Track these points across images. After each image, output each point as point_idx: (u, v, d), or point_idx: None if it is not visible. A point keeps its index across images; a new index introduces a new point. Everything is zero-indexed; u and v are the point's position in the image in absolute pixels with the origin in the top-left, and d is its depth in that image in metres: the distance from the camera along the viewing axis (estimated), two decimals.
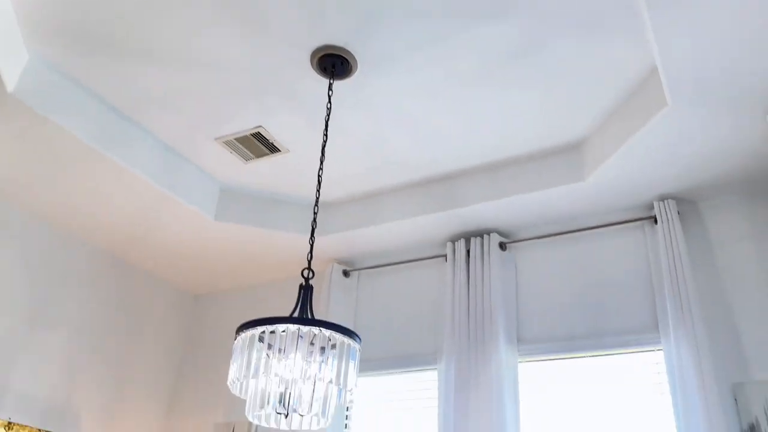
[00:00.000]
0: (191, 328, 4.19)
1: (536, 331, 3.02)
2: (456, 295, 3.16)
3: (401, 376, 3.33)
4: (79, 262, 3.57)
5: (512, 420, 2.78)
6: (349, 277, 3.65)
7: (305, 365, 1.99)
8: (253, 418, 2.04)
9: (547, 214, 3.14)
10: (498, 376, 2.84)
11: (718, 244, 2.80)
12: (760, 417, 2.40)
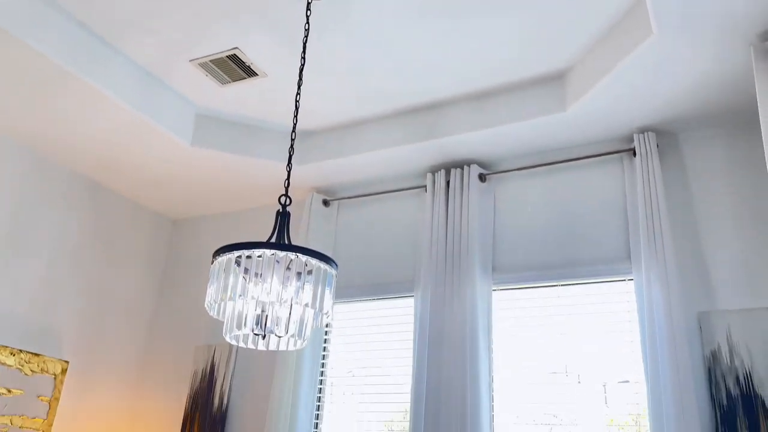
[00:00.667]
0: (170, 253, 4.20)
1: (511, 261, 3.07)
2: (434, 225, 3.18)
3: (379, 303, 3.40)
4: (56, 186, 3.52)
5: (485, 346, 2.87)
6: (329, 207, 3.65)
7: (282, 289, 2.01)
8: (230, 339, 2.08)
9: (528, 145, 3.14)
10: (472, 304, 2.91)
11: (695, 178, 2.83)
12: (722, 344, 2.50)
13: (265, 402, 3.42)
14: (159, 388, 3.81)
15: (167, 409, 3.72)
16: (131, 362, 3.85)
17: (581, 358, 2.81)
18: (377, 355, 3.29)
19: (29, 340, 3.28)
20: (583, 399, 2.74)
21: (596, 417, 2.69)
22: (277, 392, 3.20)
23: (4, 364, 3.12)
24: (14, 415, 3.13)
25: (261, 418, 3.41)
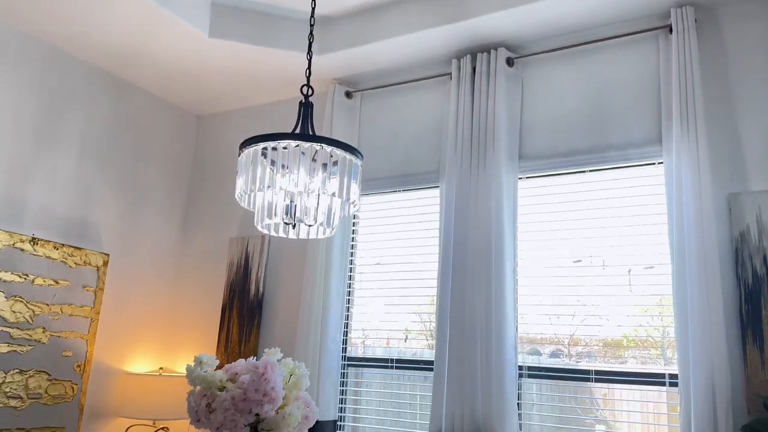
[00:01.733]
0: (196, 148, 4.24)
1: (539, 148, 3.03)
2: (460, 113, 3.13)
3: (404, 195, 3.43)
4: (81, 83, 3.52)
5: (510, 234, 2.90)
6: (352, 98, 3.59)
7: (308, 180, 2.03)
8: (262, 228, 2.14)
9: (558, 24, 2.99)
10: (498, 192, 2.91)
11: (732, 55, 2.69)
12: (752, 225, 2.49)
13: (299, 289, 3.57)
14: (196, 279, 3.99)
15: (206, 298, 3.92)
16: (168, 254, 4.01)
17: (606, 245, 2.83)
18: (405, 244, 3.36)
19: (70, 234, 3.43)
20: (607, 286, 2.79)
21: (620, 303, 2.75)
22: (309, 279, 3.33)
23: (50, 257, 3.28)
24: (64, 304, 3.34)
25: (295, 303, 3.57)
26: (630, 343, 2.72)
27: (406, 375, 3.22)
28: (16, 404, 3.07)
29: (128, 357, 3.70)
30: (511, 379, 2.71)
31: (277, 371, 2.05)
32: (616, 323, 2.75)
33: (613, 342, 2.74)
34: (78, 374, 3.37)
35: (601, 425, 2.70)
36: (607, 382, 2.69)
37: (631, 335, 2.72)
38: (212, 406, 2.02)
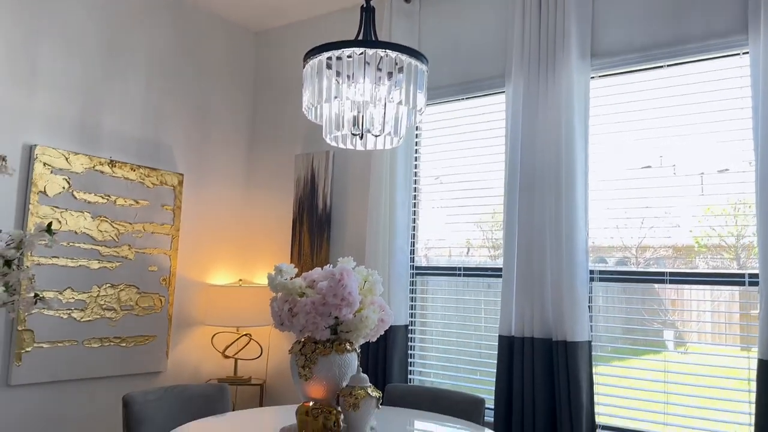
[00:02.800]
0: (257, 66, 4.25)
1: (612, 43, 2.87)
2: (527, 9, 2.98)
3: (468, 102, 3.36)
4: (141, 5, 3.54)
5: (581, 138, 2.81)
6: (411, 3, 3.47)
7: (374, 88, 2.01)
8: (330, 140, 2.16)
9: None
10: (568, 93, 2.80)
11: None
12: None
13: (365, 202, 3.63)
14: (266, 196, 4.11)
15: (277, 213, 4.04)
16: (237, 173, 4.13)
17: (679, 147, 2.71)
18: (469, 153, 3.33)
19: (144, 156, 3.56)
20: (678, 187, 2.70)
21: (692, 207, 2.66)
22: (374, 192, 3.37)
23: (128, 178, 3.44)
24: (146, 222, 3.52)
25: (362, 216, 3.64)
26: (701, 248, 2.66)
27: (471, 282, 3.27)
28: (111, 315, 3.34)
29: (209, 270, 3.91)
30: (583, 282, 2.71)
31: (353, 277, 2.12)
32: (687, 228, 2.68)
33: (684, 248, 2.69)
34: (164, 287, 3.60)
35: (669, 330, 2.70)
36: (682, 283, 2.65)
37: (702, 240, 2.65)
38: (294, 310, 2.13)
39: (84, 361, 3.19)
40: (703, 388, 2.56)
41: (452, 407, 2.56)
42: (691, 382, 2.59)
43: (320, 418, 2.01)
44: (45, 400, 3.06)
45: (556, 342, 2.71)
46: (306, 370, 2.09)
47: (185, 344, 3.74)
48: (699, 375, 2.58)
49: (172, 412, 2.45)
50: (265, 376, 3.93)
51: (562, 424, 2.64)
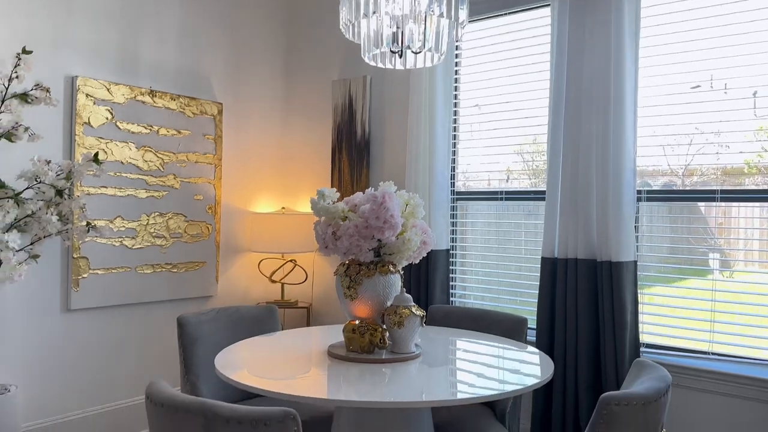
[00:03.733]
0: None
1: None
2: None
3: (510, 18, 3.21)
4: None
5: (631, 53, 2.67)
6: None
7: (414, 1, 1.93)
8: (369, 60, 2.10)
9: None
10: (618, 6, 2.64)
11: None
12: None
13: (404, 128, 3.58)
14: (304, 124, 4.10)
15: (316, 141, 4.04)
16: (275, 101, 4.11)
17: (730, 66, 2.55)
18: (511, 72, 3.21)
19: (184, 86, 3.56)
20: (729, 110, 2.56)
21: (743, 127, 2.53)
22: (414, 117, 3.31)
23: (168, 108, 3.46)
24: (189, 152, 3.56)
25: (401, 142, 3.60)
26: (752, 169, 2.55)
27: (512, 206, 3.24)
28: (162, 243, 3.44)
29: (252, 199, 3.97)
30: (629, 202, 2.65)
31: (395, 200, 2.12)
32: (737, 150, 2.55)
33: (733, 170, 2.57)
34: (210, 215, 3.68)
35: (716, 252, 2.63)
36: (732, 201, 2.56)
37: (754, 161, 2.53)
38: (337, 234, 2.15)
39: (138, 287, 3.33)
40: (751, 315, 2.52)
41: (494, 327, 2.59)
42: (738, 310, 2.55)
43: (366, 335, 2.06)
44: (103, 324, 3.23)
45: (601, 263, 2.69)
46: (351, 290, 2.13)
47: (234, 270, 3.86)
48: (747, 294, 2.53)
49: (225, 331, 2.55)
50: (311, 299, 4.04)
51: (606, 342, 2.65)
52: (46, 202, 2.71)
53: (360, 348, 2.07)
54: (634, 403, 1.49)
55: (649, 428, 1.54)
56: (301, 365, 1.97)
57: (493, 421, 2.35)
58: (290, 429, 1.32)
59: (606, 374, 2.64)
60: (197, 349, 2.44)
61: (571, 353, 2.74)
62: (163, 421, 1.42)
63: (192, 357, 2.42)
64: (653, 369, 1.74)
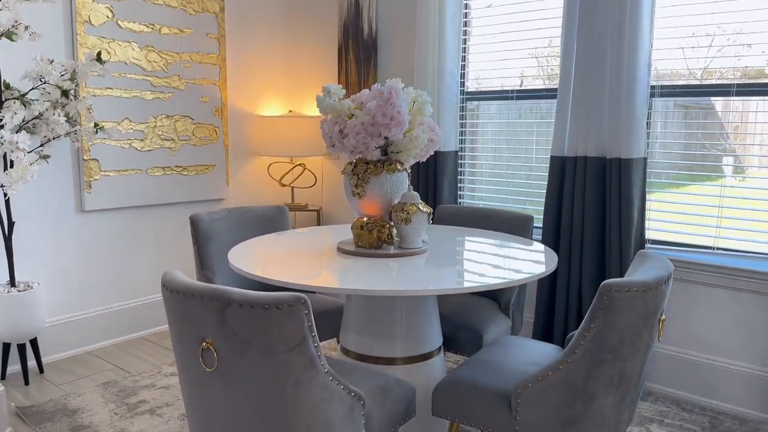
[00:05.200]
0: None
1: None
2: None
3: None
4: None
5: None
6: None
7: None
8: None
9: None
10: None
11: None
12: None
13: (412, 25, 3.47)
14: (309, 23, 3.97)
15: (321, 41, 3.93)
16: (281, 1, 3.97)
17: None
18: None
19: None
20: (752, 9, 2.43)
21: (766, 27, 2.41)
22: (423, 13, 3.20)
23: (169, 5, 3.35)
24: (192, 52, 3.49)
25: (409, 42, 3.50)
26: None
27: (523, 107, 3.18)
28: (171, 145, 3.45)
29: (259, 102, 3.93)
30: (642, 97, 2.59)
31: (402, 96, 2.09)
32: (759, 50, 2.45)
33: (754, 71, 2.49)
34: (218, 118, 3.66)
35: (729, 156, 2.60)
36: (749, 95, 2.50)
37: None
38: (344, 132, 2.14)
39: (149, 189, 3.38)
40: (759, 210, 2.52)
41: (501, 224, 2.63)
42: (747, 206, 2.55)
43: (374, 232, 2.10)
44: (118, 225, 3.30)
45: (610, 160, 2.68)
46: (359, 188, 2.15)
47: (243, 174, 3.89)
48: (757, 192, 2.53)
49: (237, 230, 2.61)
50: (321, 202, 4.09)
51: (611, 237, 2.69)
52: (52, 103, 2.70)
53: (368, 244, 2.11)
54: (635, 290, 1.53)
55: (648, 315, 1.59)
56: (311, 260, 2.02)
57: (497, 313, 2.44)
58: (301, 313, 1.38)
59: (610, 268, 2.70)
60: (210, 247, 2.50)
61: (576, 248, 2.79)
62: (179, 307, 1.48)
63: (205, 254, 2.49)
64: (656, 259, 1.77)
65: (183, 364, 1.57)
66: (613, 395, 1.62)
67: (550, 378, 1.63)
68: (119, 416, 2.48)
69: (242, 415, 1.48)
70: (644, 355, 1.67)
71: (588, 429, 1.63)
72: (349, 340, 2.13)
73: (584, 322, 1.59)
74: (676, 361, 2.71)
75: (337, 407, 1.52)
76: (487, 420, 1.75)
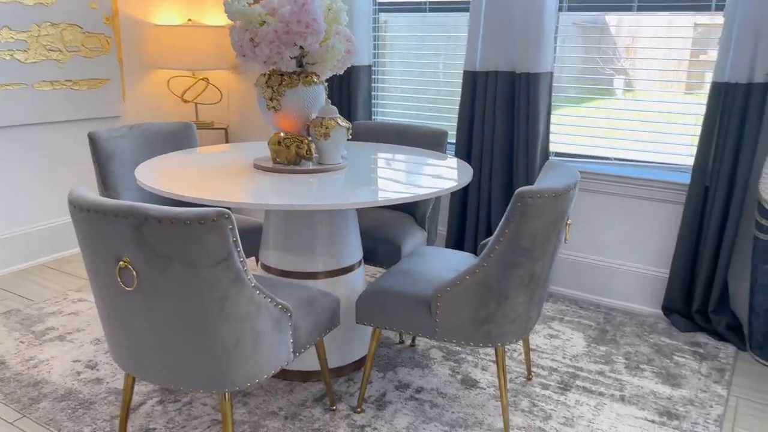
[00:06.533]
0: None
1: None
2: None
3: None
4: None
5: None
6: None
7: None
8: None
9: None
10: None
11: None
12: None
13: None
14: None
15: None
16: None
17: None
18: None
19: None
20: None
21: None
22: None
23: None
24: None
25: None
26: None
27: (436, 20, 3.15)
28: (58, 57, 3.14)
29: (154, 9, 3.62)
30: (551, 13, 2.63)
31: (317, 2, 2.00)
32: None
33: None
34: (109, 27, 3.36)
35: (621, 75, 2.72)
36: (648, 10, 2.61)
37: None
38: (256, 40, 2.03)
39: (38, 105, 3.09)
40: (651, 123, 2.69)
41: (417, 140, 2.65)
42: (641, 118, 2.72)
43: (293, 147, 2.06)
44: (3, 145, 3.03)
45: (520, 74, 2.74)
46: (274, 102, 2.08)
47: (141, 89, 3.63)
48: (646, 112, 2.70)
49: (140, 148, 2.47)
50: (228, 120, 3.93)
51: (519, 151, 2.79)
52: None
53: (286, 160, 2.07)
54: (546, 196, 1.62)
55: (557, 219, 1.69)
56: (227, 177, 1.96)
57: (414, 225, 2.51)
58: (225, 227, 1.35)
59: (518, 180, 2.82)
60: (113, 166, 2.36)
61: (486, 162, 2.89)
62: (91, 226, 1.40)
63: (107, 174, 2.35)
64: (562, 167, 1.87)
65: (99, 286, 1.50)
66: (524, 294, 1.74)
67: (467, 281, 1.72)
68: (26, 344, 2.37)
69: (167, 333, 1.46)
70: (552, 256, 1.79)
71: (501, 325, 1.75)
72: (269, 257, 2.12)
73: (499, 227, 1.67)
74: (575, 264, 2.93)
75: (264, 320, 1.53)
76: (409, 324, 1.83)
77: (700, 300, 2.56)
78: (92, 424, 1.89)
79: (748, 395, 2.15)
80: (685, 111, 2.62)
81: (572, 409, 2.02)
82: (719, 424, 1.97)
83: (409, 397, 2.07)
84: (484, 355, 2.36)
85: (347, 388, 2.11)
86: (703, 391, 2.14)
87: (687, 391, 2.14)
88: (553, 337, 2.53)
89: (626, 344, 2.48)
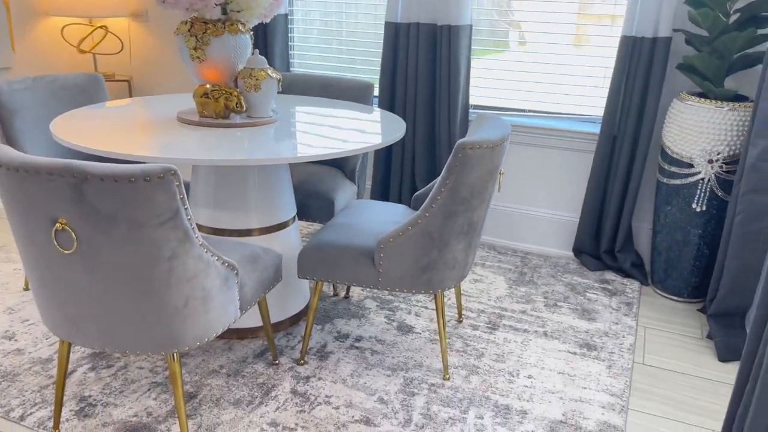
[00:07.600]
0: None
1: None
2: None
3: None
4: None
5: None
6: None
7: None
8: None
9: None
10: None
11: None
12: None
13: None
14: None
15: None
16: None
17: None
18: None
19: None
20: None
21: None
22: None
23: None
24: None
25: None
26: None
27: None
28: None
29: None
30: None
31: None
32: None
33: None
34: None
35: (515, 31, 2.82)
36: None
37: None
38: None
39: None
40: (562, 75, 2.82)
41: (342, 93, 2.63)
42: (547, 71, 2.84)
43: (221, 100, 1.98)
44: None
45: (441, 27, 2.76)
46: (198, 51, 1.98)
47: (32, 38, 3.32)
48: (553, 65, 2.82)
49: (47, 103, 2.28)
50: (131, 71, 3.68)
51: (440, 103, 2.84)
52: None
53: (214, 113, 2.00)
54: (485, 147, 1.68)
55: (493, 169, 1.77)
56: (150, 131, 1.86)
57: (344, 179, 2.51)
58: (172, 184, 1.29)
59: (440, 133, 2.89)
60: (17, 122, 2.17)
61: (410, 115, 2.92)
62: (20, 186, 1.30)
63: (12, 131, 2.16)
64: (494, 119, 1.94)
65: (30, 250, 1.40)
66: (463, 241, 1.81)
67: (410, 232, 1.77)
68: None
69: (110, 296, 1.39)
70: (487, 204, 1.87)
71: (442, 272, 1.82)
72: (199, 214, 2.06)
73: (441, 178, 1.71)
74: (493, 212, 3.06)
75: (213, 278, 1.50)
76: (353, 276, 1.86)
77: (607, 241, 2.78)
78: (20, 396, 1.79)
79: (653, 324, 2.38)
80: (596, 64, 2.77)
81: (502, 347, 2.16)
82: (632, 351, 2.18)
83: (349, 346, 2.12)
84: (416, 302, 2.44)
85: (287, 342, 2.13)
86: (615, 324, 2.36)
87: (601, 324, 2.34)
88: (477, 282, 2.65)
89: (543, 284, 2.66)
